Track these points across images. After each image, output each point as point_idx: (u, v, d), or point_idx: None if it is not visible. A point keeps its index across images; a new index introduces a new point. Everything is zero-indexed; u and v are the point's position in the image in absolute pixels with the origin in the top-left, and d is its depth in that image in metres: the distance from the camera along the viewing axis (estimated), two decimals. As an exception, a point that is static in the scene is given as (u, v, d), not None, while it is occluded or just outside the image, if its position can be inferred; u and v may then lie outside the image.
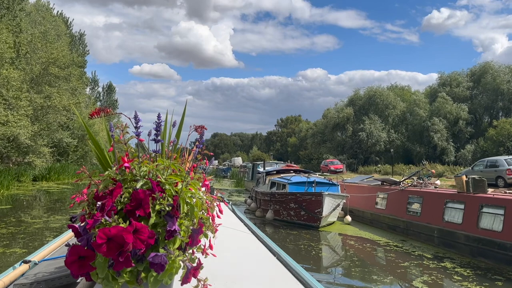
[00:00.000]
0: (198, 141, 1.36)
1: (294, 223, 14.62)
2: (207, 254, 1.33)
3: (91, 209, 1.20)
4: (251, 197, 20.06)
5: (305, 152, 68.82)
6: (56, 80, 29.99)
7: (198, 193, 1.28)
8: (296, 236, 12.83)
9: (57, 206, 17.74)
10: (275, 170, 20.23)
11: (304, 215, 14.17)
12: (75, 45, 44.82)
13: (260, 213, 16.60)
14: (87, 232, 1.15)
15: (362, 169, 46.32)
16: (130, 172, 1.23)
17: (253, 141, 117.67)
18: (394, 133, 51.90)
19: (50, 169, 31.86)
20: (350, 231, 13.86)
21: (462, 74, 51.13)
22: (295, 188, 15.09)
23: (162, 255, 1.13)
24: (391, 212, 13.74)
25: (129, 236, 1.09)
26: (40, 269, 1.77)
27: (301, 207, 14.12)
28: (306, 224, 14.13)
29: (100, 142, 1.51)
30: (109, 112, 1.30)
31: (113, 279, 1.13)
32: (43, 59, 28.85)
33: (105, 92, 62.80)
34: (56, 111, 29.63)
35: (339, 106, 57.43)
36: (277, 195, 15.39)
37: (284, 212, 15.00)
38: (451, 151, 46.19)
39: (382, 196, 14.62)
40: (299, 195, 14.22)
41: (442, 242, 11.13)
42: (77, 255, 1.13)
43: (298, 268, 2.05)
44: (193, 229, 1.22)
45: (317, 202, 13.61)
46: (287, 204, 14.69)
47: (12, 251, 9.37)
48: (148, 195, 1.16)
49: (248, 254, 2.52)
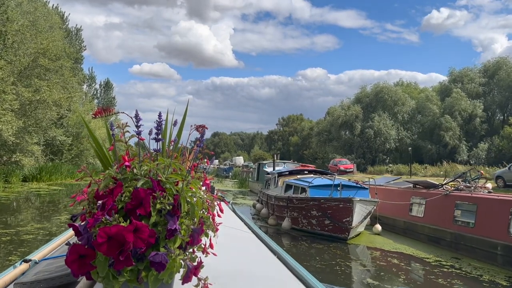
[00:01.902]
0: (199, 140, 1.41)
1: (316, 234, 12.97)
2: (208, 253, 1.38)
3: (91, 208, 1.26)
4: (260, 200, 18.54)
5: (309, 151, 69.02)
6: (46, 73, 29.02)
7: (199, 192, 1.33)
8: (319, 251, 11.21)
9: (40, 212, 16.21)
10: (287, 171, 18.62)
11: (329, 225, 12.55)
12: (71, 40, 44.89)
13: (274, 221, 14.94)
14: (87, 231, 1.20)
15: (372, 169, 46.10)
16: (130, 171, 1.29)
17: (254, 140, 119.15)
18: (404, 131, 51.86)
19: (41, 169, 31.01)
20: (383, 243, 11.99)
21: (474, 70, 51.06)
22: (317, 192, 13.33)
23: (163, 254, 1.17)
24: (432, 221, 11.97)
25: (129, 235, 1.13)
26: (40, 268, 1.83)
27: (325, 215, 12.50)
28: (331, 236, 12.49)
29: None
30: (112, 111, 1.35)
31: (113, 278, 1.17)
32: (32, 50, 27.66)
33: (103, 89, 62.95)
34: (46, 106, 28.62)
35: (345, 103, 57.29)
36: (295, 200, 13.60)
37: (304, 221, 13.41)
38: (463, 149, 46.10)
39: (418, 201, 12.87)
40: (323, 201, 12.52)
41: (509, 261, 9.24)
42: (78, 254, 1.18)
43: (299, 267, 2.12)
44: (194, 228, 1.27)
45: (346, 210, 11.92)
46: (308, 212, 13.08)
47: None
48: (148, 194, 1.20)
49: (249, 253, 2.60)
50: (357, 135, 53.21)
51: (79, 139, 40.17)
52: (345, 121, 53.97)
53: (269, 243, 2.82)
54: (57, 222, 13.68)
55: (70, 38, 44.95)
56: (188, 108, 1.72)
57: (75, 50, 41.57)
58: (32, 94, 27.31)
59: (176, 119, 1.50)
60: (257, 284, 1.85)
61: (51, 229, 12.29)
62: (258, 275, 2.01)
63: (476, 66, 52.22)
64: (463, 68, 52.39)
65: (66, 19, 45.44)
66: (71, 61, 35.31)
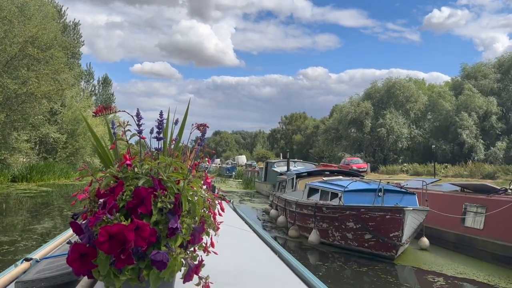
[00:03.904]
0: (200, 139, 1.47)
1: (352, 251, 11.10)
2: (209, 252, 1.44)
3: (92, 206, 1.32)
4: (275, 206, 16.81)
5: (314, 150, 69.19)
6: (35, 63, 27.91)
7: (200, 191, 1.39)
8: (356, 273, 9.35)
9: (19, 219, 14.55)
10: (305, 171, 16.65)
11: (371, 240, 10.68)
12: (68, 35, 45.04)
13: (296, 232, 13.08)
14: (88, 229, 1.26)
15: (384, 168, 45.87)
16: (132, 170, 1.35)
17: (255, 139, 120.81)
18: (416, 129, 51.71)
19: (32, 168, 29.94)
20: (435, 263, 9.94)
21: (487, 65, 50.82)
22: (354, 199, 11.37)
23: (164, 253, 1.23)
24: (497, 234, 10.09)
25: (130, 234, 1.18)
26: (41, 266, 1.91)
27: (366, 228, 10.66)
28: (373, 254, 10.62)
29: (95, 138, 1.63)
30: (113, 110, 1.41)
31: (114, 277, 1.23)
32: (20, 38, 26.65)
33: (101, 85, 63.22)
34: (34, 99, 27.48)
35: (354, 100, 56.96)
36: (325, 208, 11.75)
37: (337, 234, 11.56)
38: (480, 148, 45.86)
39: (474, 209, 11.02)
40: (364, 210, 10.63)
41: None
42: (79, 253, 1.23)
43: (300, 266, 2.19)
44: (195, 227, 1.34)
45: (395, 222, 10.04)
46: (343, 223, 11.21)
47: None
48: (150, 193, 1.26)
49: (250, 252, 2.69)
50: (367, 133, 52.97)
51: (74, 136, 39.71)
52: (355, 118, 53.53)
53: (270, 242, 2.92)
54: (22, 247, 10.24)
55: (68, 32, 45.12)
56: (189, 107, 1.79)
57: (71, 45, 41.48)
58: (19, 87, 26.26)
59: (177, 118, 1.57)
60: (258, 283, 1.92)
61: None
62: (259, 274, 2.08)
63: (490, 61, 52.01)
64: (476, 63, 52.32)
65: (64, 13, 45.58)
66: (66, 54, 34.70)
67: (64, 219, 14.38)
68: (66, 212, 15.94)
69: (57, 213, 16.31)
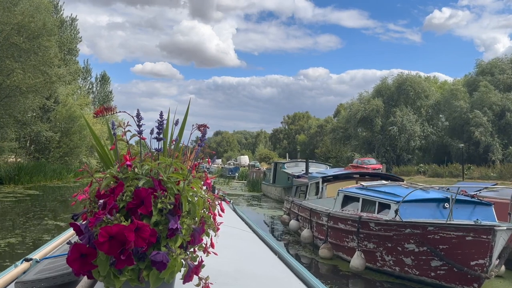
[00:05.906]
0: (200, 139, 1.54)
1: (411, 281, 8.97)
2: (209, 253, 1.51)
3: (92, 207, 1.39)
4: (293, 215, 14.84)
5: (320, 150, 69.33)
6: (22, 54, 26.90)
7: (200, 191, 1.46)
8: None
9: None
10: (330, 175, 14.02)
11: (441, 269, 8.48)
12: (65, 30, 45.17)
13: (329, 252, 11.06)
14: (89, 230, 1.32)
15: (397, 169, 45.47)
16: (132, 170, 1.42)
17: (257, 139, 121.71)
18: (429, 127, 51.54)
19: (20, 168, 29.05)
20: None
21: (504, 60, 50.64)
22: (413, 211, 9.10)
23: (164, 254, 1.29)
24: None
25: (130, 234, 1.24)
26: (41, 267, 1.98)
27: (434, 253, 8.44)
28: (443, 287, 8.52)
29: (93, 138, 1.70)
30: (114, 110, 1.48)
31: (114, 277, 1.30)
32: (5, 26, 25.79)
33: (99, 83, 63.41)
34: (19, 93, 26.58)
35: (364, 97, 56.61)
36: (373, 224, 9.56)
37: (389, 258, 9.38)
38: (497, 148, 45.59)
39: None
40: (432, 228, 8.35)
41: None
42: (79, 253, 1.29)
43: (300, 267, 2.28)
44: (195, 227, 1.41)
45: (481, 245, 7.76)
46: (399, 244, 9.03)
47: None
48: (150, 193, 1.32)
49: (250, 252, 2.78)
50: (378, 132, 52.69)
51: (68, 135, 39.01)
52: (365, 116, 52.82)
53: (270, 243, 3.03)
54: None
55: (65, 28, 45.23)
56: (189, 108, 1.86)
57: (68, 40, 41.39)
58: (3, 79, 25.49)
59: (177, 119, 1.64)
60: (258, 283, 2.00)
61: None
62: (259, 274, 2.16)
63: (506, 56, 51.79)
64: (493, 59, 52.08)
65: (60, 8, 45.65)
66: (62, 49, 34.20)
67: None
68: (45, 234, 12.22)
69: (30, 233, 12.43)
